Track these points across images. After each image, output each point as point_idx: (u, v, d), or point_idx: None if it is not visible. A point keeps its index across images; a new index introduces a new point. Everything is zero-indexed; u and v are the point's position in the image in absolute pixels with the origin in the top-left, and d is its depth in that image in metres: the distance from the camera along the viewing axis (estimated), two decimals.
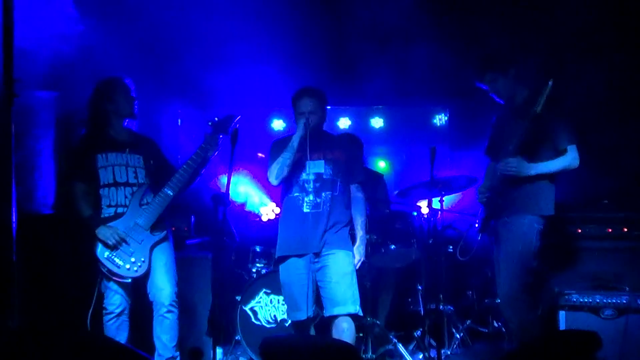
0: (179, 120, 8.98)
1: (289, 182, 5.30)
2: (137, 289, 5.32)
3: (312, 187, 5.23)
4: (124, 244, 5.15)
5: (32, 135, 6.63)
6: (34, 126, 6.65)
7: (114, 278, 5.16)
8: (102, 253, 5.14)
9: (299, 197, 5.26)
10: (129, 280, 5.18)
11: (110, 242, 5.11)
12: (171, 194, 5.26)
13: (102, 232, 5.14)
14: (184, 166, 5.30)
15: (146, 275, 5.25)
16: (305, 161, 5.23)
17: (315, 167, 5.26)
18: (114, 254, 5.14)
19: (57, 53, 6.25)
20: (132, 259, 5.16)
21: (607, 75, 6.64)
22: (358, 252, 5.30)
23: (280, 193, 5.45)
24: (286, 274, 5.29)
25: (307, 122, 5.17)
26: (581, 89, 6.44)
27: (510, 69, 5.27)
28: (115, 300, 5.25)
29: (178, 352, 5.34)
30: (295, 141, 5.18)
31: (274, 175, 5.26)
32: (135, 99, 5.39)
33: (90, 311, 5.26)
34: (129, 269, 5.14)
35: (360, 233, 5.35)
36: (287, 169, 5.20)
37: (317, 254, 5.17)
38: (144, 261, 5.19)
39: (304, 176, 5.26)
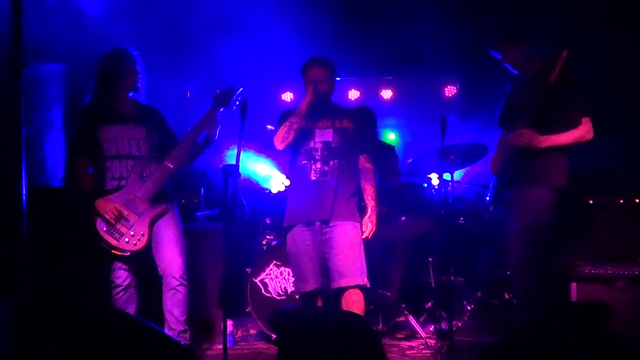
0: (188, 93, 8.96)
1: (297, 150, 5.29)
2: (145, 262, 5.31)
3: (320, 155, 5.22)
4: (123, 217, 5.13)
5: (41, 108, 6.63)
6: (43, 99, 6.65)
7: (114, 251, 5.14)
8: (101, 227, 5.12)
9: (306, 164, 5.24)
10: (128, 253, 5.14)
11: (108, 216, 5.09)
12: (171, 166, 5.22)
13: (100, 205, 5.12)
14: (184, 139, 5.29)
15: (153, 249, 5.25)
16: (314, 129, 5.24)
17: (323, 136, 5.25)
18: (113, 228, 5.11)
19: (67, 25, 6.23)
20: (132, 233, 5.13)
21: (622, 46, 6.58)
22: (370, 222, 5.29)
23: (289, 162, 5.44)
24: (293, 245, 5.28)
25: (315, 87, 5.17)
26: (595, 59, 6.39)
27: (526, 38, 5.22)
28: (121, 273, 5.27)
29: (188, 326, 5.35)
30: (303, 106, 5.18)
31: (280, 139, 5.22)
32: (139, 72, 5.35)
33: (100, 283, 5.29)
34: (127, 242, 5.11)
35: (371, 203, 5.32)
36: (293, 134, 5.17)
37: (326, 223, 5.17)
38: (142, 234, 5.16)
39: (311, 144, 5.25)
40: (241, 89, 5.41)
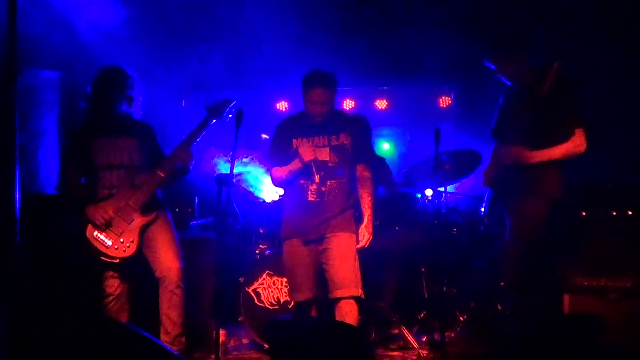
0: (183, 102, 8.96)
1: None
2: (136, 270, 5.32)
3: (317, 175, 5.21)
4: (112, 224, 5.15)
5: (36, 114, 6.63)
6: (38, 106, 6.65)
7: (102, 258, 5.16)
8: (91, 233, 5.15)
9: (303, 185, 5.26)
10: (117, 260, 5.17)
11: (98, 222, 5.12)
12: (162, 175, 5.26)
13: (91, 211, 5.15)
14: (176, 148, 5.33)
15: (149, 254, 5.28)
16: (311, 150, 5.21)
17: (320, 155, 5.22)
18: (103, 234, 5.14)
19: (62, 32, 6.23)
20: (121, 240, 5.16)
21: (618, 57, 6.60)
22: (367, 231, 5.28)
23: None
24: (289, 256, 5.31)
25: (311, 162, 5.18)
26: (590, 70, 6.40)
27: (519, 49, 5.23)
28: (112, 282, 5.30)
29: (184, 330, 5.35)
30: (295, 167, 5.21)
31: (276, 182, 5.43)
32: (134, 99, 5.37)
33: (93, 292, 5.28)
34: (117, 249, 5.14)
35: (368, 212, 5.32)
36: (290, 177, 5.26)
37: (322, 238, 5.19)
38: (132, 241, 5.18)
39: (309, 163, 5.22)
40: (234, 101, 5.45)
